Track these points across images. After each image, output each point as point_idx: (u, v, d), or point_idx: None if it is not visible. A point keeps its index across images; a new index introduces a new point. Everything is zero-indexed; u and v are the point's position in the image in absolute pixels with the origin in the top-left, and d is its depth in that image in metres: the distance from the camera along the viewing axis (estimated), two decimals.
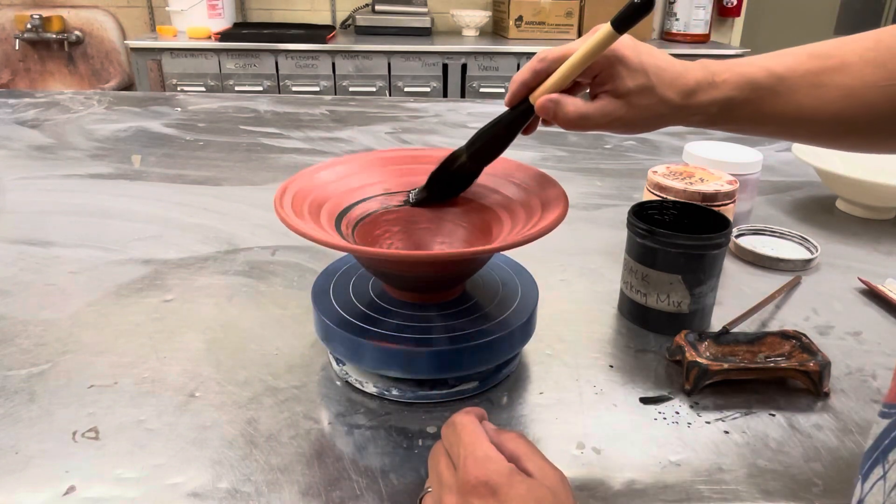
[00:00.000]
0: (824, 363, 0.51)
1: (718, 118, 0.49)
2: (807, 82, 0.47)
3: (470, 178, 0.56)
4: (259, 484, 0.42)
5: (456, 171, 0.55)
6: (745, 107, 0.48)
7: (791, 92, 0.47)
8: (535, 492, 0.33)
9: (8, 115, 1.33)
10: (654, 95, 0.47)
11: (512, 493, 0.33)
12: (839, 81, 0.46)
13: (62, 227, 0.81)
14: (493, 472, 0.34)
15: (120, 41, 2.68)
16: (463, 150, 0.54)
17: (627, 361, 0.56)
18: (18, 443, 0.45)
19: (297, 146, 1.17)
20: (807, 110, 0.47)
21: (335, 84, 2.39)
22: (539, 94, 0.49)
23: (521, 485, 0.33)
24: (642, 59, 0.47)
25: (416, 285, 0.52)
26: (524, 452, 0.36)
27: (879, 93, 0.45)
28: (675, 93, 0.47)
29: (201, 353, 0.56)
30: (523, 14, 2.53)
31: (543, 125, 0.53)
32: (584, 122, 0.48)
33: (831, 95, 0.46)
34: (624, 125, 0.48)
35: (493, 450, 0.35)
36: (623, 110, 0.47)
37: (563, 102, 0.47)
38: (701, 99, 0.47)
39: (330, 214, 0.52)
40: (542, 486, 0.34)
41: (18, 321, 0.60)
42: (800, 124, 0.48)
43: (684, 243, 0.56)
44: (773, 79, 0.47)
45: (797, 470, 0.45)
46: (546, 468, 0.35)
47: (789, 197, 0.96)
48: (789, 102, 0.47)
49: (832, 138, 0.50)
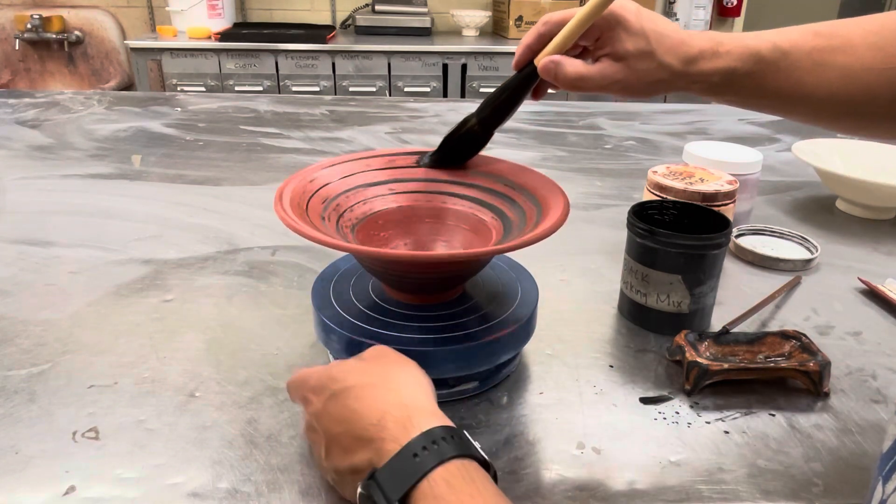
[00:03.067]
0: (824, 363, 0.51)
1: (720, 88, 0.49)
2: (809, 60, 0.47)
3: (479, 142, 0.56)
4: (259, 484, 0.42)
5: (465, 134, 0.56)
6: (748, 79, 0.48)
7: (793, 68, 0.47)
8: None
9: (8, 115, 1.33)
10: (654, 60, 0.47)
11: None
12: (840, 61, 0.47)
13: (62, 227, 0.81)
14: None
15: (120, 41, 2.68)
16: (473, 115, 0.55)
17: (627, 361, 0.56)
18: (18, 443, 0.45)
19: (297, 146, 1.17)
20: (807, 87, 0.47)
21: (335, 84, 2.39)
22: (542, 56, 0.50)
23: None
24: (643, 24, 0.47)
25: (416, 286, 0.52)
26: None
27: (878, 76, 0.46)
28: (676, 59, 0.47)
29: (201, 353, 0.56)
30: (523, 14, 2.53)
31: (552, 89, 0.53)
32: (583, 82, 0.49)
33: (831, 75, 0.47)
34: (623, 88, 0.49)
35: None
36: (622, 73, 0.48)
37: (564, 63, 0.48)
38: (703, 67, 0.48)
39: (330, 214, 0.52)
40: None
41: (18, 321, 0.60)
42: (800, 101, 0.48)
43: (684, 243, 0.56)
44: (777, 53, 0.47)
45: (797, 470, 0.45)
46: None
47: (789, 197, 0.96)
48: (790, 78, 0.47)
49: (831, 119, 0.50)
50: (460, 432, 0.36)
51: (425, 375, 0.41)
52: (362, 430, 0.36)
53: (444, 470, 0.33)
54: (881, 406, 0.51)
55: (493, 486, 0.34)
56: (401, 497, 0.33)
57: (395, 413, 0.36)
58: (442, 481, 0.33)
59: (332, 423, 0.38)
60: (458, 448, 0.34)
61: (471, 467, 0.34)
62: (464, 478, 0.33)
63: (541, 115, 1.42)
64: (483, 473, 0.34)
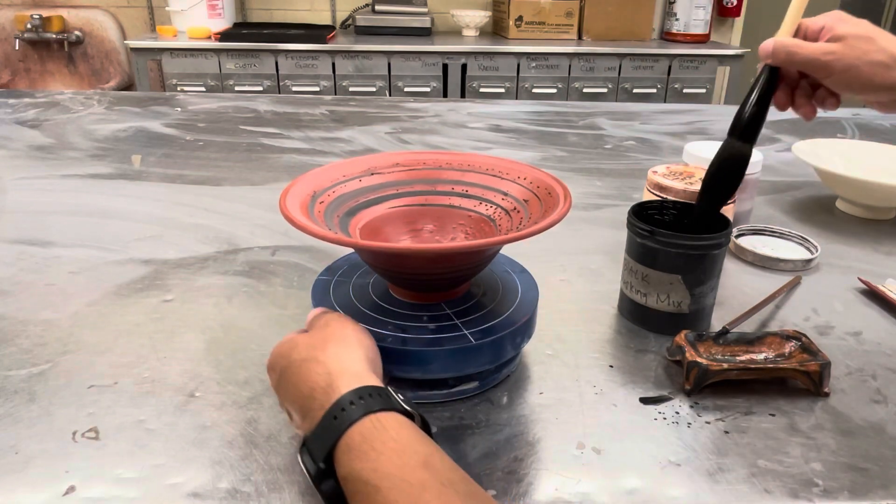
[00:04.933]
0: (824, 363, 0.51)
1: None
2: None
3: (746, 161, 0.56)
4: (259, 484, 0.42)
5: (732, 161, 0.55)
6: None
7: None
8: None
9: (8, 115, 1.33)
10: (874, 43, 0.50)
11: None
12: None
13: (62, 227, 0.81)
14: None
15: (120, 41, 2.68)
16: (729, 138, 0.55)
17: (627, 361, 0.56)
18: (18, 443, 0.45)
19: (297, 146, 1.17)
20: None
21: (335, 84, 2.39)
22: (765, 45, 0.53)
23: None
24: (866, 23, 0.51)
25: (421, 284, 0.52)
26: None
27: None
28: (877, 54, 0.50)
29: (201, 353, 0.56)
30: (523, 14, 2.53)
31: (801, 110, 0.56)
32: (794, 48, 0.51)
33: None
34: (837, 60, 0.51)
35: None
36: (837, 48, 0.50)
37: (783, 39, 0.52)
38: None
39: (335, 217, 0.53)
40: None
41: (18, 321, 0.60)
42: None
43: (684, 243, 0.56)
44: None
45: (797, 470, 0.45)
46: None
47: (789, 197, 0.96)
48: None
49: None
50: (379, 389, 0.38)
51: (363, 338, 0.44)
52: (300, 404, 0.39)
53: (360, 425, 0.35)
54: (881, 406, 0.51)
55: (409, 432, 0.36)
56: (325, 458, 0.35)
57: (321, 382, 0.38)
58: (357, 434, 0.35)
59: (283, 400, 0.42)
60: (377, 403, 0.36)
61: (386, 417, 0.36)
62: (376, 428, 0.35)
63: (541, 115, 1.42)
64: (400, 421, 0.36)
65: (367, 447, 0.34)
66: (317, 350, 0.41)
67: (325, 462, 0.36)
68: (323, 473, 0.36)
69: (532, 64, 2.41)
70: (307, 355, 0.41)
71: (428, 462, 0.34)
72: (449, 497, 0.32)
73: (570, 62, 2.43)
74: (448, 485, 0.32)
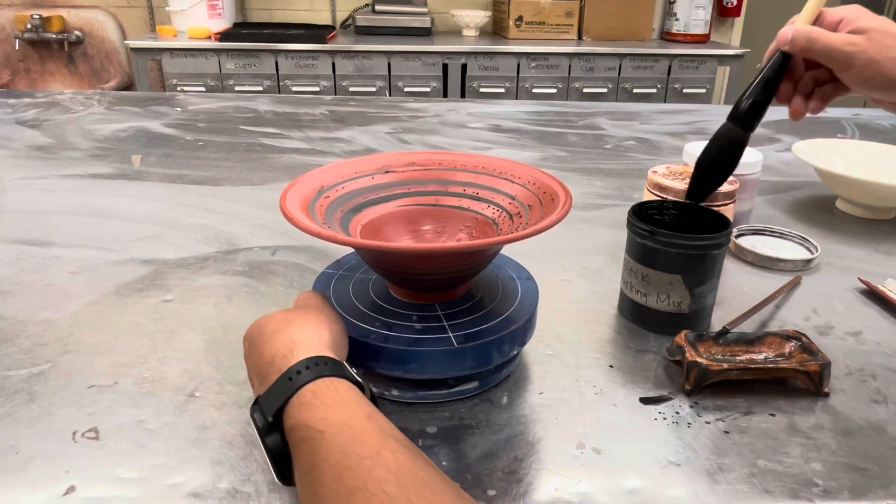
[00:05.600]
0: (824, 363, 0.51)
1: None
2: None
3: (742, 147, 0.55)
4: (259, 484, 0.42)
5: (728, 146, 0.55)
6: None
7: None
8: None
9: (8, 115, 1.33)
10: (884, 40, 0.49)
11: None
12: None
13: (62, 227, 0.81)
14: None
15: (120, 41, 2.68)
16: (729, 124, 0.54)
17: (627, 361, 0.56)
18: (18, 443, 0.45)
19: (297, 146, 1.17)
20: None
21: (335, 84, 2.39)
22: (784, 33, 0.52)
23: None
24: (887, 20, 0.50)
25: (421, 284, 0.52)
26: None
27: None
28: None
29: (201, 353, 0.56)
30: (523, 14, 2.53)
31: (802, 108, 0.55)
32: (816, 36, 0.50)
33: None
34: (860, 52, 0.49)
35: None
36: (860, 39, 0.49)
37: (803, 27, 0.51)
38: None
39: (335, 217, 0.53)
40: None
41: (18, 321, 0.60)
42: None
43: (684, 243, 0.56)
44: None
45: (797, 470, 0.45)
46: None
47: (789, 197, 0.96)
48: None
49: None
50: (334, 360, 0.39)
51: (334, 322, 0.46)
52: (260, 370, 0.41)
53: (313, 385, 0.37)
54: (881, 406, 0.51)
55: (357, 396, 0.37)
56: (275, 413, 0.37)
57: (282, 350, 0.40)
58: (308, 392, 0.37)
59: (250, 369, 0.44)
60: (331, 371, 0.38)
61: (338, 383, 0.38)
62: (328, 388, 0.37)
63: (541, 115, 1.42)
64: (350, 387, 0.38)
65: (316, 402, 0.36)
66: (287, 324, 0.43)
67: (275, 417, 0.37)
68: (270, 426, 0.37)
69: (532, 64, 2.41)
70: (277, 327, 0.43)
71: (371, 415, 0.36)
72: (389, 443, 0.33)
73: (570, 62, 2.43)
74: (389, 434, 0.34)
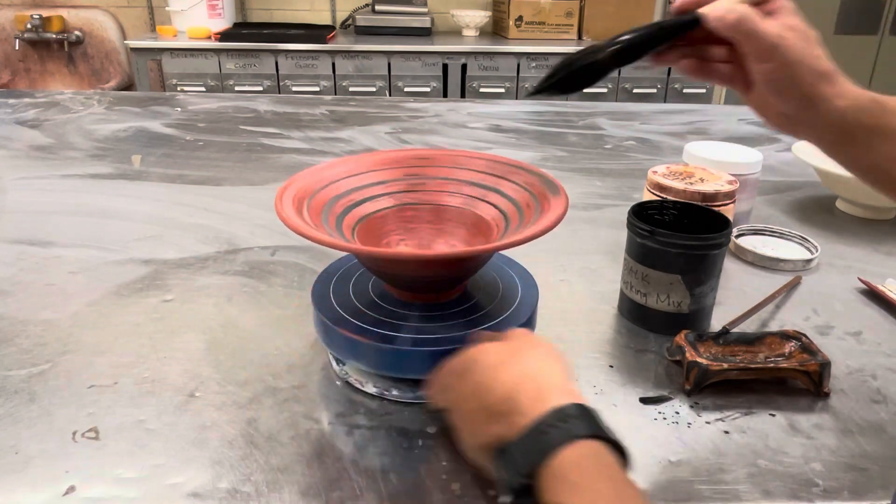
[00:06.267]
0: (824, 363, 0.51)
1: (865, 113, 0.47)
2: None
3: (601, 73, 0.52)
4: (259, 484, 0.42)
5: (589, 63, 0.51)
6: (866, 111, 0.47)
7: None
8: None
9: (8, 115, 1.33)
10: (816, 48, 0.46)
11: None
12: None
13: (62, 227, 0.81)
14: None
15: (120, 41, 2.68)
16: (603, 45, 0.51)
17: (627, 361, 0.56)
18: (18, 443, 0.45)
19: (297, 146, 1.17)
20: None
21: (335, 84, 2.39)
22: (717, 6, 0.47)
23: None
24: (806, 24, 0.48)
25: (417, 285, 0.52)
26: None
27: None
28: (830, 64, 0.47)
29: (201, 353, 0.56)
30: (523, 14, 2.53)
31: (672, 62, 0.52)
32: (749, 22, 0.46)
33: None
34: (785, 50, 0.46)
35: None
36: (790, 35, 0.46)
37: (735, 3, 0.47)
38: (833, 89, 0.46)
39: (331, 215, 0.52)
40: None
41: (18, 321, 0.60)
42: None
43: (684, 243, 0.56)
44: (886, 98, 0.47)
45: (797, 470, 0.45)
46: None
47: (789, 197, 0.96)
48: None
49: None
50: (592, 411, 0.35)
51: (561, 355, 0.41)
52: (494, 405, 0.36)
53: (573, 450, 0.32)
54: (881, 406, 0.51)
55: (622, 473, 0.33)
56: (528, 472, 0.33)
57: (526, 387, 0.36)
58: (570, 462, 0.32)
59: (467, 400, 0.39)
60: (589, 427, 0.34)
61: (601, 450, 0.33)
62: (593, 460, 0.32)
63: (541, 115, 1.42)
64: (613, 458, 0.33)
65: (581, 480, 0.31)
66: (519, 355, 0.39)
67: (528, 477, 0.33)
68: (525, 489, 0.33)
69: (532, 64, 2.41)
70: (507, 358, 0.39)
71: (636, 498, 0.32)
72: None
73: None
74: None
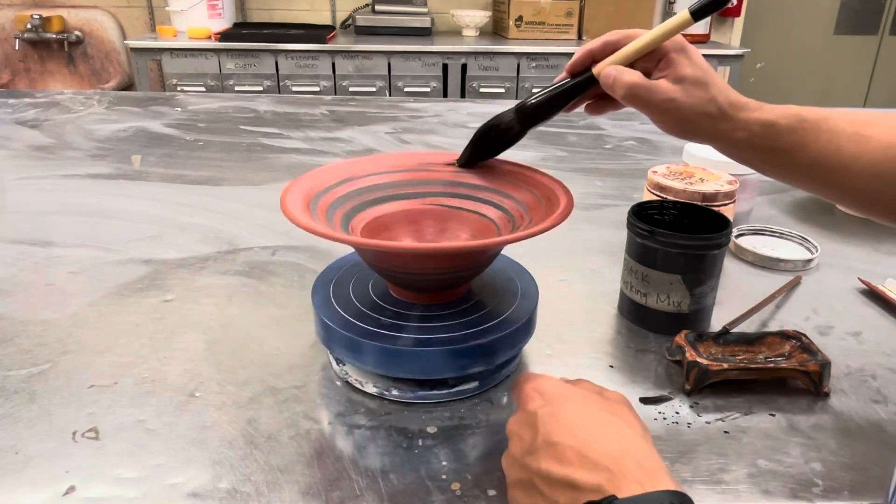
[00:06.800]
0: (824, 363, 0.51)
1: (759, 140, 0.49)
2: (851, 128, 0.48)
3: (514, 139, 0.56)
4: (259, 484, 0.42)
5: (501, 132, 0.56)
6: (788, 135, 0.49)
7: (834, 132, 0.48)
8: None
9: (8, 115, 1.33)
10: (708, 91, 0.48)
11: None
12: (882, 136, 0.48)
13: (62, 227, 0.81)
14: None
15: (120, 41, 2.68)
16: (511, 113, 0.55)
17: (627, 361, 0.56)
18: (18, 443, 0.45)
19: (297, 146, 1.17)
20: (847, 156, 0.48)
21: (335, 84, 2.39)
22: (604, 65, 0.51)
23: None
24: (702, 60, 0.50)
25: (422, 284, 0.52)
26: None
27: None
28: (726, 100, 0.49)
29: (201, 353, 0.56)
30: (523, 14, 2.53)
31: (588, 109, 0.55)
32: (637, 90, 0.49)
33: (871, 146, 0.48)
34: (673, 109, 0.49)
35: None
36: (678, 94, 0.49)
37: (624, 71, 0.50)
38: (747, 115, 0.49)
39: (336, 216, 0.52)
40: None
41: (18, 321, 0.60)
42: (839, 170, 0.49)
43: (684, 243, 0.56)
44: (819, 116, 0.49)
45: (797, 470, 0.45)
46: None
47: (789, 197, 0.96)
48: (831, 143, 0.48)
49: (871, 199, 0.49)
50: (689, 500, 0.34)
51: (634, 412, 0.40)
52: (597, 454, 0.35)
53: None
54: (881, 406, 0.51)
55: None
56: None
57: (638, 456, 0.35)
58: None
59: (560, 430, 0.37)
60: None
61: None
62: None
63: None
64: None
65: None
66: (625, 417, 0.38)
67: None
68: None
69: (532, 64, 2.41)
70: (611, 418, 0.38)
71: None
72: None
73: None
74: None
